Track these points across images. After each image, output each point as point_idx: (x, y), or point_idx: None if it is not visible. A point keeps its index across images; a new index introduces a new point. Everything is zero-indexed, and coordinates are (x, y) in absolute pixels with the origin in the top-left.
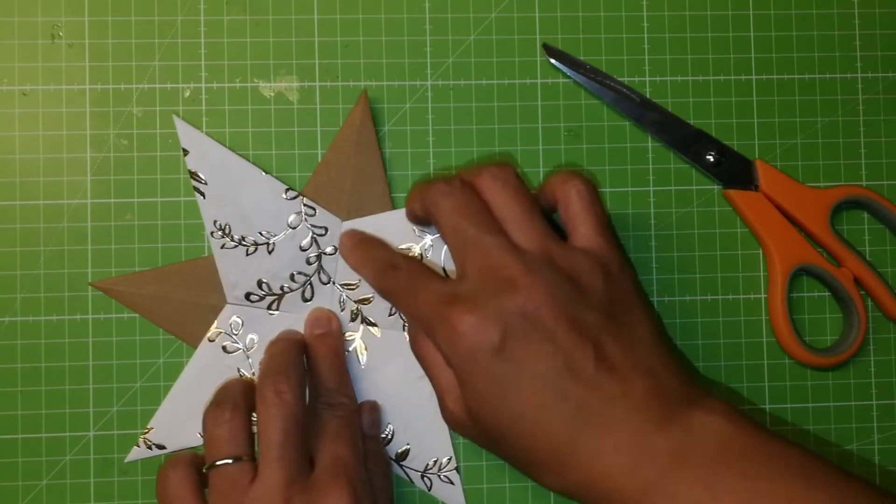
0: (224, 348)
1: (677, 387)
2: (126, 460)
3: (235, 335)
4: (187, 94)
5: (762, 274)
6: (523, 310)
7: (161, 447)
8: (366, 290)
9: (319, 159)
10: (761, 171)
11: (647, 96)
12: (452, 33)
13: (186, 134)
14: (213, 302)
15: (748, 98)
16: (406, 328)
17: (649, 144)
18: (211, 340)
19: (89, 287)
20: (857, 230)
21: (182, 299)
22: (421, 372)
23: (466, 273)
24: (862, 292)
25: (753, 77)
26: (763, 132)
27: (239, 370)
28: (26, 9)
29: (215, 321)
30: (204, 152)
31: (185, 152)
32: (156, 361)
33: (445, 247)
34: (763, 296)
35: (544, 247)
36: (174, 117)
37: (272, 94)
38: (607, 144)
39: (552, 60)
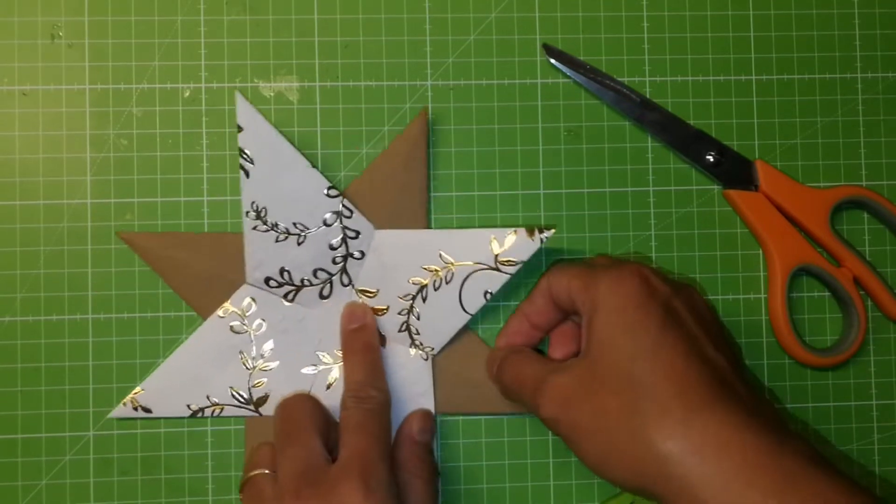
0: (231, 328)
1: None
2: (109, 416)
3: (246, 317)
4: (187, 94)
5: (762, 274)
6: (668, 304)
7: (147, 410)
8: (382, 301)
9: (319, 159)
10: (761, 171)
11: (647, 96)
12: (452, 33)
13: (244, 111)
14: (232, 277)
15: (748, 98)
16: (415, 346)
17: (649, 144)
18: (221, 317)
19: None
20: (857, 230)
21: (202, 269)
22: (422, 389)
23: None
24: (862, 292)
25: (753, 77)
26: (763, 132)
27: (241, 353)
28: (26, 9)
29: (230, 298)
30: (257, 133)
31: (239, 129)
32: (156, 361)
33: (469, 274)
34: (763, 296)
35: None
36: (236, 93)
37: (272, 94)
38: (607, 144)
39: (552, 60)
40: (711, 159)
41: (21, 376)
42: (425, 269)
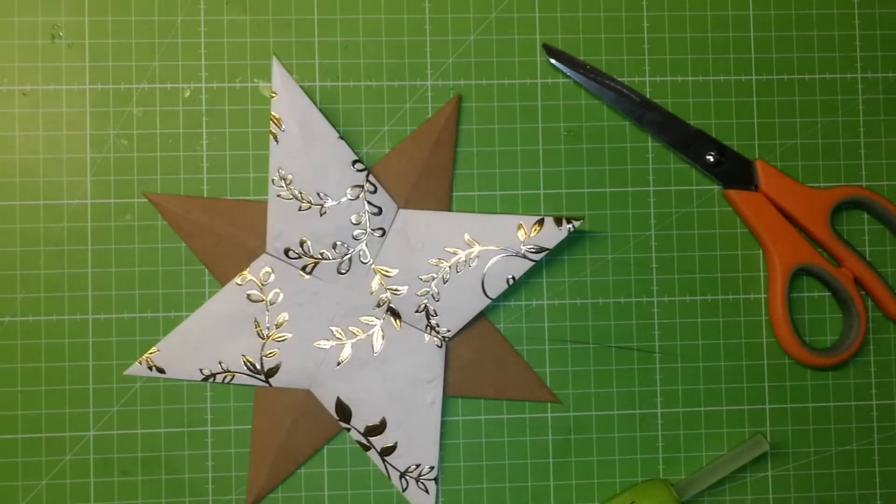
0: (248, 296)
1: None
2: (125, 373)
3: (263, 287)
4: (187, 94)
5: (762, 274)
6: None
7: (161, 371)
8: (401, 281)
9: None
10: (761, 171)
11: (647, 96)
12: (452, 33)
13: (280, 77)
14: (252, 246)
15: (748, 98)
16: (430, 329)
17: (649, 144)
18: (239, 285)
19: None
20: (857, 230)
21: (224, 234)
22: (429, 376)
23: None
24: (862, 292)
25: (753, 77)
26: (763, 132)
27: (256, 322)
28: (26, 9)
29: (248, 266)
30: (291, 100)
31: (274, 94)
32: None
33: (493, 259)
34: (763, 296)
35: None
36: (273, 58)
37: (272, 94)
38: (607, 144)
39: (552, 60)
40: (711, 159)
41: (21, 376)
42: (449, 250)
